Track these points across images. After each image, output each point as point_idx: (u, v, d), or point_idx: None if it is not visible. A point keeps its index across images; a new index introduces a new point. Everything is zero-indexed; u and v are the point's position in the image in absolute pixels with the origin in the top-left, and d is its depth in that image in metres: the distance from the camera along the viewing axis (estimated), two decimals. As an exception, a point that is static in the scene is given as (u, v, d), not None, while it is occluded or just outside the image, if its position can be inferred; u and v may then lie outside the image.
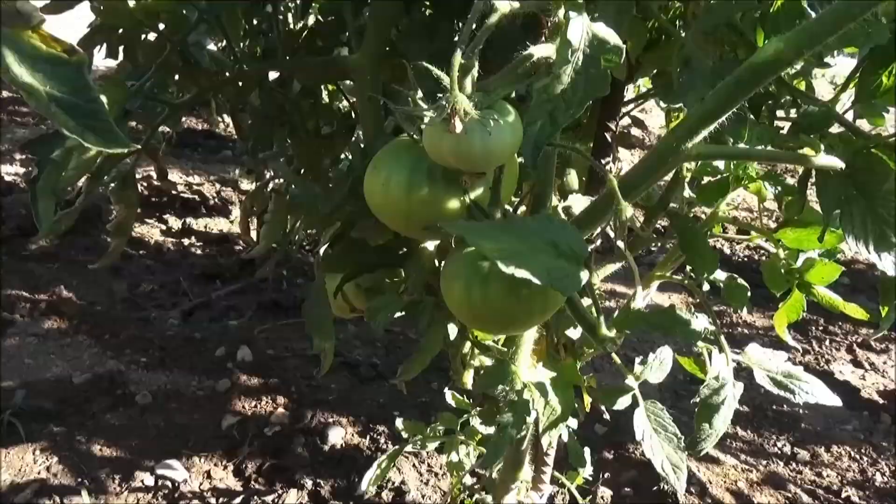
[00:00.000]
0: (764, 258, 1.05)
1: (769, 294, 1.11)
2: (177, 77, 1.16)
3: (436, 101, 0.77)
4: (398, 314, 0.91)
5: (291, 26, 1.32)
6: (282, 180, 1.39)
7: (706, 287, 1.02)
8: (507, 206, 0.77)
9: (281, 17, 1.30)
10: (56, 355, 2.15)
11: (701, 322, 0.89)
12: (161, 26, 1.05)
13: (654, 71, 1.07)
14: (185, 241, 3.06)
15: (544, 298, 0.69)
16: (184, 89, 1.17)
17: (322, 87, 1.33)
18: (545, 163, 0.84)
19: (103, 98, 1.00)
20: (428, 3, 1.04)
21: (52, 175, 0.98)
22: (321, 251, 1.06)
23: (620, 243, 0.67)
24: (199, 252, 3.00)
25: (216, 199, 3.37)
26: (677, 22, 0.94)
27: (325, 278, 1.02)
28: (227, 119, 3.03)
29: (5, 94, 4.57)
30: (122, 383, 2.04)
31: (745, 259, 3.53)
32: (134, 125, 1.21)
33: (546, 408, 0.89)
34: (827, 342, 2.75)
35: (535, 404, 0.86)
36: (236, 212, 3.38)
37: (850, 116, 0.89)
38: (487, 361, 0.99)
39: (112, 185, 1.20)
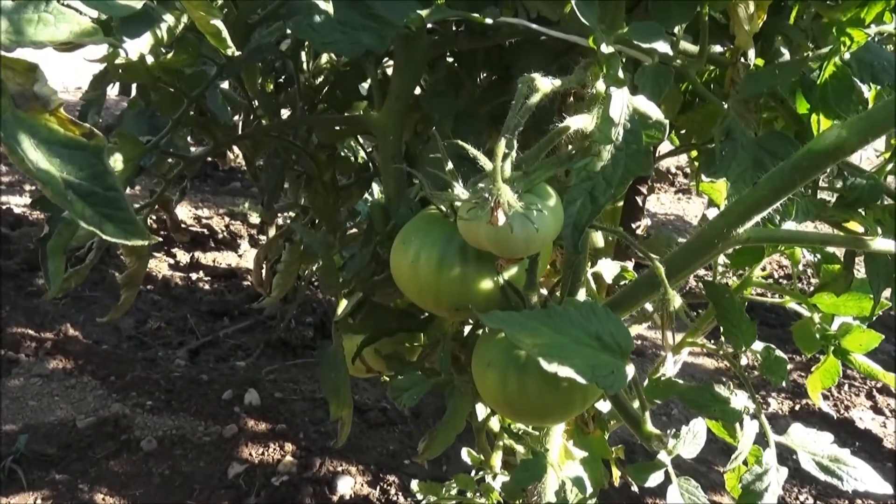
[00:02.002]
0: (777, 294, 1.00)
1: (783, 335, 1.07)
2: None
3: (464, 168, 0.74)
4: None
5: (309, 74, 1.30)
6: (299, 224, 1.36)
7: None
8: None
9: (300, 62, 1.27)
10: (60, 397, 2.11)
11: (741, 400, 0.84)
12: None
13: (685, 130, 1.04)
14: (193, 276, 3.03)
15: (585, 390, 0.65)
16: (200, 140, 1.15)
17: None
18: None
19: (118, 155, 0.98)
20: (451, 59, 1.02)
21: (63, 234, 0.94)
22: (339, 312, 1.03)
23: (669, 336, 0.63)
24: (206, 287, 2.97)
25: (225, 233, 3.35)
26: (711, 85, 0.91)
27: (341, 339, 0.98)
28: (236, 149, 3.02)
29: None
30: (127, 427, 1.99)
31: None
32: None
33: (575, 489, 0.84)
34: (846, 387, 2.69)
35: (565, 486, 0.81)
36: (245, 245, 3.36)
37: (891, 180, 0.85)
38: (517, 445, 0.95)
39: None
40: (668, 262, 0.65)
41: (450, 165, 0.72)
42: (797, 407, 2.56)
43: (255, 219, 3.50)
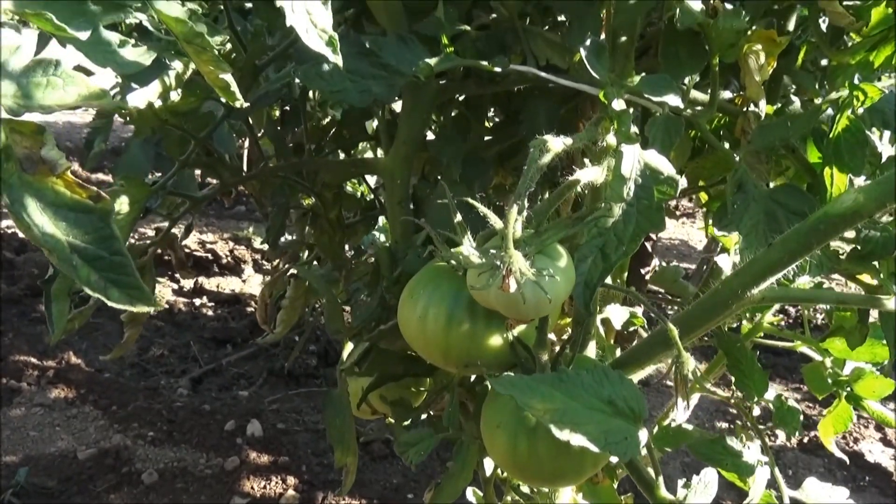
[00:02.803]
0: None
1: (790, 364, 1.05)
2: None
3: (472, 216, 0.73)
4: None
5: (315, 104, 1.30)
6: (302, 264, 1.35)
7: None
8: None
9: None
10: (61, 427, 2.09)
11: (754, 453, 0.83)
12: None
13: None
14: (197, 302, 3.02)
15: (597, 454, 0.63)
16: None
17: (346, 174, 1.30)
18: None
19: (124, 198, 0.97)
20: (458, 103, 1.02)
21: (68, 277, 0.94)
22: (344, 356, 1.01)
23: (682, 402, 0.61)
24: (210, 313, 2.96)
25: (229, 258, 3.34)
26: (721, 132, 0.90)
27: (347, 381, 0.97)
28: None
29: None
30: (128, 459, 1.97)
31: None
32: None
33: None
34: (854, 419, 2.65)
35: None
36: (249, 270, 3.35)
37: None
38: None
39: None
40: (681, 320, 0.64)
41: (458, 217, 0.71)
42: (805, 439, 2.52)
43: (259, 243, 3.50)
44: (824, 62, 1.06)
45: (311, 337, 2.72)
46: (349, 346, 1.02)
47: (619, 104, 0.65)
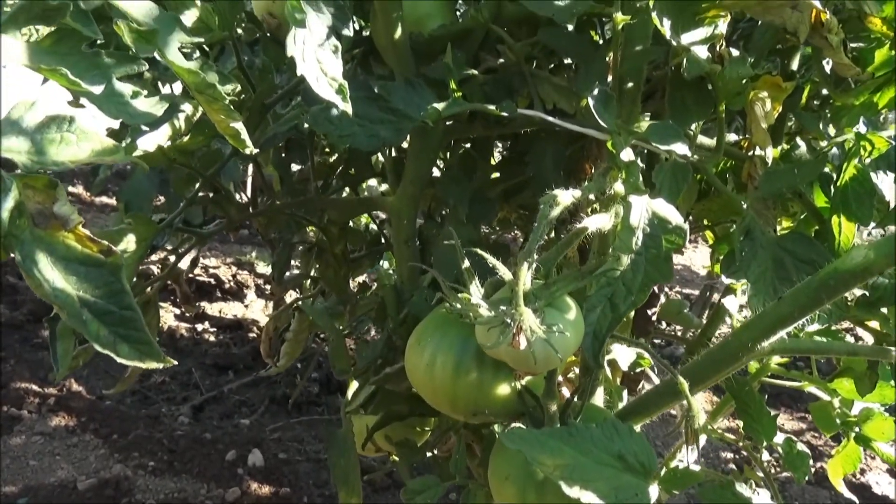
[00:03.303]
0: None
1: (795, 393, 1.04)
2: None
3: (477, 257, 0.73)
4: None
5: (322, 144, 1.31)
6: (307, 297, 1.35)
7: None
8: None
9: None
10: (62, 456, 2.07)
11: (763, 498, 0.82)
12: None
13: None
14: (199, 327, 3.01)
15: (606, 507, 0.63)
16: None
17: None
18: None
19: (131, 237, 0.97)
20: (465, 143, 1.02)
21: (73, 315, 0.94)
22: (349, 395, 1.01)
23: (693, 448, 0.61)
24: (212, 339, 2.95)
25: (231, 283, 3.34)
26: (727, 174, 0.91)
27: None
28: (244, 198, 3.03)
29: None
30: (128, 490, 1.95)
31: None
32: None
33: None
34: (861, 450, 2.62)
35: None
36: (252, 295, 3.35)
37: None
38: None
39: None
40: (690, 371, 0.64)
41: (465, 263, 0.71)
42: (812, 470, 2.49)
43: (262, 268, 3.50)
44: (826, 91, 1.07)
45: (314, 364, 2.71)
46: (354, 385, 1.02)
47: (627, 155, 0.65)
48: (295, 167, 1.26)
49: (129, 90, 0.60)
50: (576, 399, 0.67)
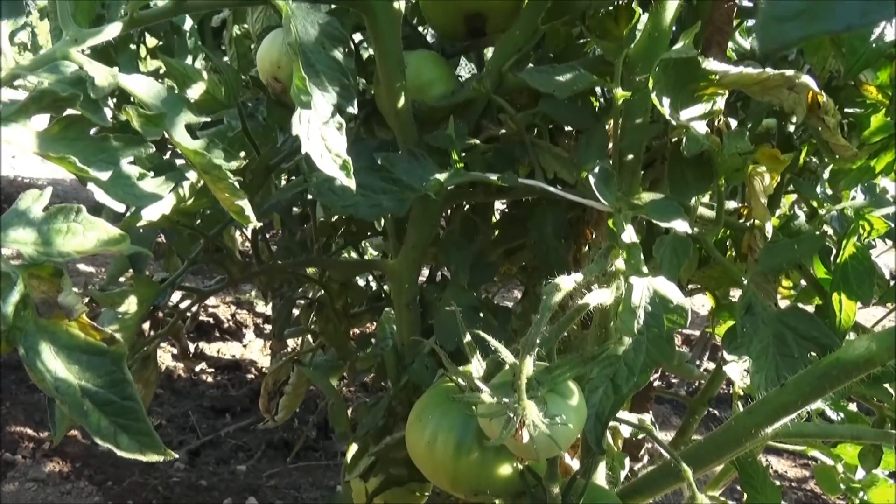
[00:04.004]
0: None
1: None
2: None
3: (479, 324, 0.73)
4: None
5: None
6: (307, 352, 1.34)
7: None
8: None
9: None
10: (55, 504, 2.04)
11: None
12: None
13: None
14: (197, 367, 2.99)
15: None
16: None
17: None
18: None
19: (132, 298, 0.97)
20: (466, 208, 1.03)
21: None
22: (348, 459, 1.00)
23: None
24: (209, 380, 2.93)
25: (230, 323, 3.33)
26: (727, 243, 0.91)
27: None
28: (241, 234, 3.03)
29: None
30: (122, 539, 1.92)
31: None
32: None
33: None
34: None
35: None
36: (250, 335, 3.33)
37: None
38: None
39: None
40: (692, 455, 0.63)
41: (467, 337, 0.71)
42: (816, 519, 2.46)
43: (261, 307, 3.49)
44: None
45: (311, 406, 2.69)
46: (354, 447, 1.01)
47: (629, 237, 0.65)
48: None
49: (136, 172, 0.61)
50: (579, 478, 0.66)
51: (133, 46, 1.88)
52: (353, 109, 0.70)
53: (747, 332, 0.72)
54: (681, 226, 0.71)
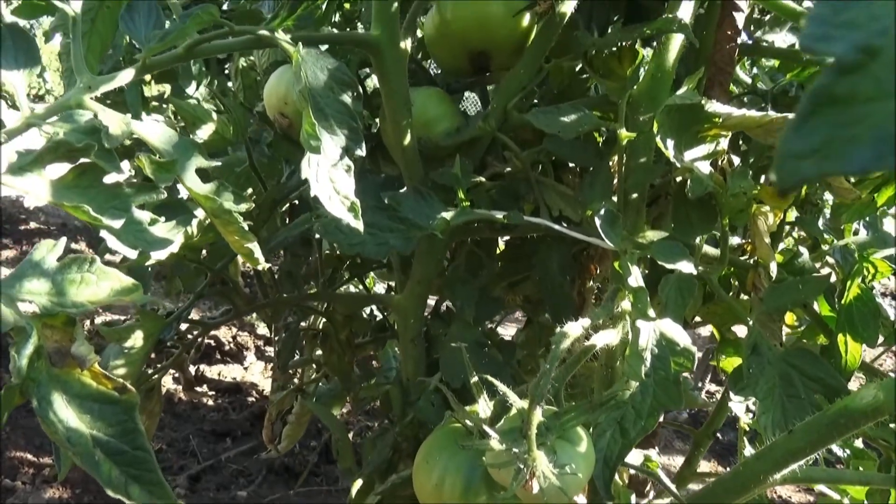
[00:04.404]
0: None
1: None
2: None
3: (485, 360, 0.73)
4: None
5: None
6: (310, 382, 1.34)
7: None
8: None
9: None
10: (54, 532, 2.03)
11: None
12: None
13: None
14: (198, 390, 2.98)
15: None
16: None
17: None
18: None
19: (139, 333, 0.97)
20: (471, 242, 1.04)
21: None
22: (352, 491, 1.00)
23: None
24: (210, 403, 2.92)
25: (231, 345, 3.32)
26: (730, 280, 0.92)
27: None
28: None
29: (33, 224, 4.68)
30: (121, 568, 1.90)
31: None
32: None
33: None
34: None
35: None
36: (251, 357, 3.33)
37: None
38: None
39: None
40: (700, 499, 0.63)
41: (474, 378, 0.72)
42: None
43: (262, 329, 3.49)
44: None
45: (312, 431, 2.68)
46: (358, 483, 1.01)
47: (635, 281, 0.66)
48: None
49: (147, 217, 0.62)
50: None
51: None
52: (361, 152, 0.71)
53: (753, 372, 0.72)
54: (686, 267, 0.71)
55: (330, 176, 0.69)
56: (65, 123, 0.57)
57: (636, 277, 0.67)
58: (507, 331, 3.12)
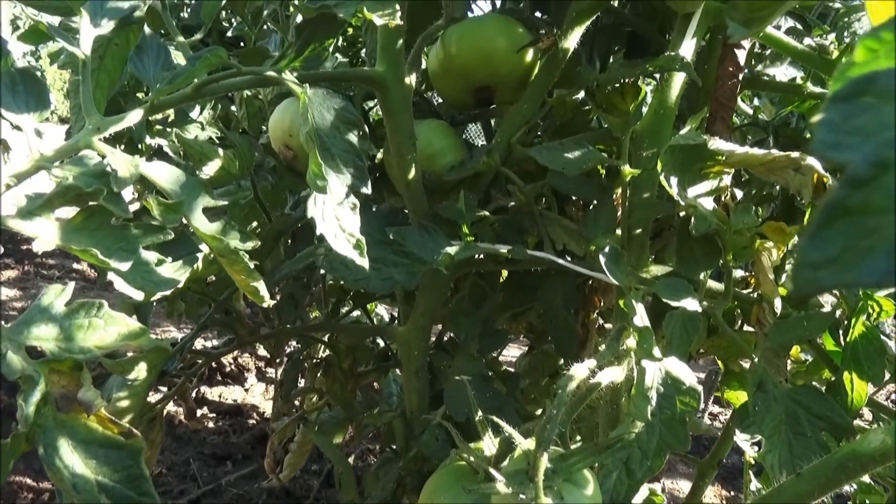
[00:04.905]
0: None
1: None
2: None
3: (490, 394, 0.72)
4: None
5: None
6: (313, 409, 1.34)
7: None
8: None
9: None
10: (52, 558, 2.01)
11: None
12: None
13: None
14: (198, 412, 2.97)
15: None
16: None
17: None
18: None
19: (142, 364, 0.97)
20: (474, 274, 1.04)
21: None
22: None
23: None
24: (211, 425, 2.90)
25: (232, 366, 3.32)
26: (734, 313, 0.92)
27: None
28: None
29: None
30: None
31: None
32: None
33: None
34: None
35: None
36: (252, 379, 3.32)
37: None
38: None
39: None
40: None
41: (479, 415, 0.72)
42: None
43: (263, 351, 3.48)
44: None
45: (313, 455, 2.66)
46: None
47: (640, 319, 0.66)
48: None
49: (155, 258, 0.62)
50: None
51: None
52: (367, 190, 0.71)
53: (759, 410, 0.72)
54: (691, 304, 0.71)
55: (336, 214, 0.70)
56: (74, 167, 0.57)
57: (642, 316, 0.67)
58: (510, 351, 3.11)
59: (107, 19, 0.66)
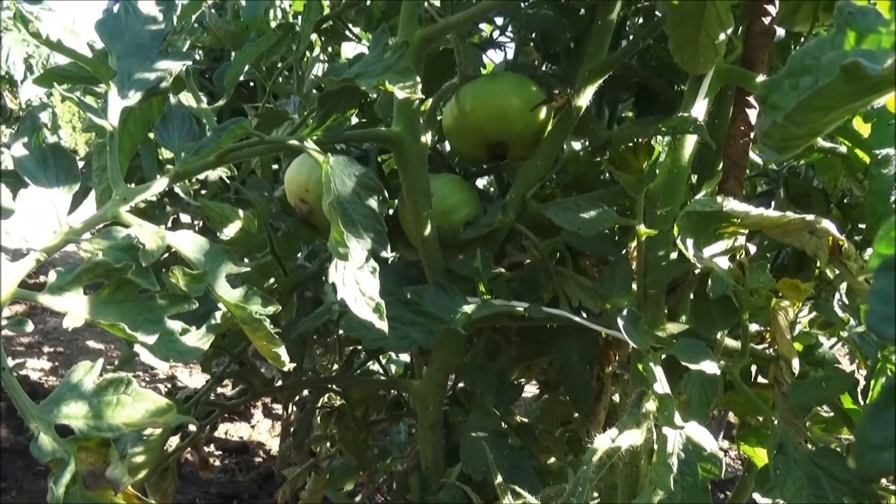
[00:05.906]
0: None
1: None
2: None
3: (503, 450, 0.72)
4: None
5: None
6: (325, 458, 1.33)
7: None
8: None
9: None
10: None
11: None
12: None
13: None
14: (205, 450, 2.95)
15: None
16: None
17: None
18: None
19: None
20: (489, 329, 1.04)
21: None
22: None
23: None
24: (217, 463, 2.88)
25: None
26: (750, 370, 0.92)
27: None
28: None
29: (42, 279, 4.69)
30: None
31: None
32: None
33: None
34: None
35: None
36: (258, 415, 3.30)
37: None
38: None
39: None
40: None
41: (499, 479, 0.71)
42: None
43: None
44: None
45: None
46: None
47: (661, 387, 0.66)
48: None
49: (179, 327, 0.62)
50: None
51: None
52: (386, 253, 0.72)
53: (780, 473, 0.71)
54: (709, 368, 0.71)
55: (356, 278, 0.70)
56: (103, 240, 0.58)
57: (662, 382, 0.67)
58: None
59: (134, 90, 0.67)
